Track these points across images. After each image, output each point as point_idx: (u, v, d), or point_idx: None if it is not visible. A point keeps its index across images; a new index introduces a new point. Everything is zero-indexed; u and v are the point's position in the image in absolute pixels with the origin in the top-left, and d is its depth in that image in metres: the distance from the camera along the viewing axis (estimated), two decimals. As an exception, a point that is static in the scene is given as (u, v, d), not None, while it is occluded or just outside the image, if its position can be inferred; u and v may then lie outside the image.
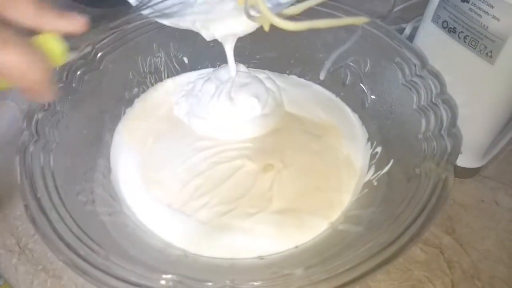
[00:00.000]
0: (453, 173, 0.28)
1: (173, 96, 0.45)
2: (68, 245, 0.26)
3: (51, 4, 0.25)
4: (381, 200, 0.32)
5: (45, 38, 0.24)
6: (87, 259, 0.25)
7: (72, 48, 0.25)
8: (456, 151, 0.29)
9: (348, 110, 0.43)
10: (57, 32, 0.24)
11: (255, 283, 0.25)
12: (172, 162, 0.38)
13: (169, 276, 0.25)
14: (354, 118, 0.43)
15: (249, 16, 0.25)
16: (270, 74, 0.46)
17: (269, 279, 0.25)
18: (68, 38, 0.25)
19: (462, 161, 0.41)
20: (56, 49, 0.24)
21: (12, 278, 0.36)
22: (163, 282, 0.25)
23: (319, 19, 0.24)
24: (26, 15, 0.23)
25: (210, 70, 0.47)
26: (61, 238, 0.26)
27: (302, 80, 0.47)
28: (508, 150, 0.44)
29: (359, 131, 0.41)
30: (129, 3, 0.34)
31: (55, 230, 0.27)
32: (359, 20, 0.24)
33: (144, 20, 0.43)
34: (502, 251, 0.37)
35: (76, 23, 0.24)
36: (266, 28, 0.26)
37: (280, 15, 0.24)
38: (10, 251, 0.37)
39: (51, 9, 0.24)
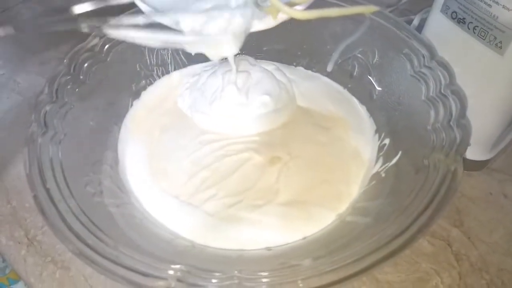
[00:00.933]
0: (462, 165, 0.28)
1: (179, 88, 0.45)
2: (77, 235, 0.26)
3: None
4: (389, 192, 0.32)
5: None
6: (95, 249, 0.26)
7: None
8: (465, 142, 0.29)
9: (356, 101, 0.43)
10: None
11: (263, 274, 0.25)
12: (178, 155, 0.38)
13: (177, 266, 0.25)
14: (362, 109, 0.42)
15: (258, 6, 0.25)
16: (279, 65, 0.46)
17: (276, 270, 0.25)
18: None
19: (470, 154, 0.40)
20: None
21: (21, 269, 0.36)
22: (171, 272, 0.25)
23: (328, 7, 0.24)
24: None
25: (216, 62, 0.47)
26: (70, 228, 0.27)
27: (310, 71, 0.47)
28: (516, 143, 0.44)
29: (367, 123, 0.41)
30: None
31: (64, 220, 0.27)
32: (369, 8, 0.24)
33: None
34: (511, 243, 0.37)
35: None
36: (274, 18, 0.26)
37: (289, 4, 0.24)
38: (19, 243, 0.38)
39: None
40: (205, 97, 0.41)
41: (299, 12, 0.24)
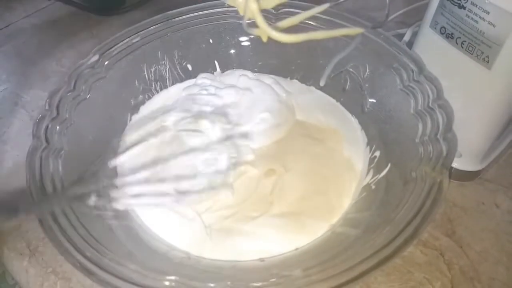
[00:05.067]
0: (448, 177, 0.29)
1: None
2: (76, 248, 0.27)
3: None
4: (378, 203, 0.33)
5: None
6: (94, 261, 0.27)
7: None
8: (451, 155, 0.30)
9: (348, 114, 0.44)
10: None
11: (255, 284, 0.26)
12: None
13: (172, 277, 0.26)
14: (354, 122, 0.43)
15: (248, 28, 0.26)
16: (276, 78, 0.47)
17: (268, 281, 0.26)
18: None
19: (462, 164, 0.41)
20: None
21: (23, 280, 0.37)
22: (166, 283, 0.26)
23: (315, 30, 0.25)
24: None
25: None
26: (69, 241, 0.27)
27: (304, 85, 0.48)
28: (508, 153, 0.45)
29: (359, 135, 0.42)
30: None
31: (64, 234, 0.28)
32: (354, 30, 0.25)
33: (150, 28, 0.44)
34: (502, 253, 0.37)
35: None
36: (264, 39, 0.27)
37: (277, 28, 0.26)
38: (20, 254, 0.38)
39: None
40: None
41: (286, 36, 0.25)
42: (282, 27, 0.26)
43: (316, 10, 0.29)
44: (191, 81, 0.47)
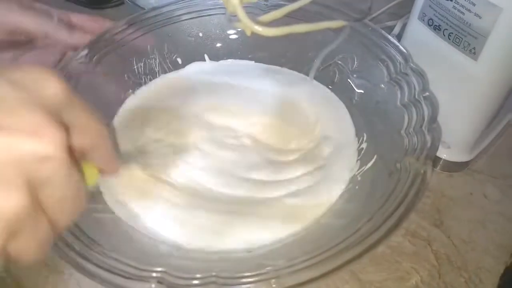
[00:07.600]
0: (431, 168, 0.29)
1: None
2: (64, 241, 0.27)
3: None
4: (364, 194, 0.33)
5: (88, 166, 0.24)
6: (81, 254, 0.27)
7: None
8: (435, 146, 0.30)
9: (338, 106, 0.44)
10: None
11: (240, 274, 0.26)
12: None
13: (159, 269, 0.26)
14: (343, 114, 0.43)
15: (230, 22, 0.26)
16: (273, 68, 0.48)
17: (254, 270, 0.26)
18: None
19: (451, 155, 0.42)
20: (91, 178, 0.24)
21: (14, 273, 0.36)
22: (154, 274, 0.26)
23: (298, 23, 0.25)
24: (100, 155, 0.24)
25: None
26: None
27: (296, 73, 0.48)
28: (497, 144, 0.45)
29: (348, 128, 0.42)
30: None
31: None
32: (336, 23, 0.25)
33: (139, 22, 0.44)
34: (489, 242, 0.38)
35: (115, 167, 0.26)
36: (248, 33, 0.27)
37: (260, 22, 0.26)
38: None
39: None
40: None
41: (268, 30, 0.25)
42: (265, 21, 0.26)
43: (302, 2, 0.29)
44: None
